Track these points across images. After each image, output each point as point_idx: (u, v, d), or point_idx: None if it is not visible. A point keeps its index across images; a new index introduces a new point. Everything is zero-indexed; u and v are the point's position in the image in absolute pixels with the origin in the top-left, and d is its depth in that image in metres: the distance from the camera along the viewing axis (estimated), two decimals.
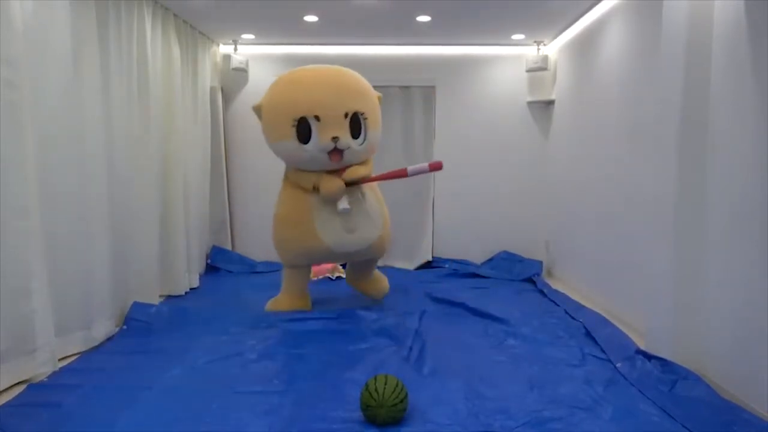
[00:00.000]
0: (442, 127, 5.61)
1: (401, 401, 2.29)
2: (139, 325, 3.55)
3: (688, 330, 2.80)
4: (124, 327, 3.52)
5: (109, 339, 3.33)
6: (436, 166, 3.60)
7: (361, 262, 3.98)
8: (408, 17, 4.45)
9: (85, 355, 3.08)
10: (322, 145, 3.44)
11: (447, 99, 5.57)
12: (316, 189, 3.59)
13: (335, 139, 3.42)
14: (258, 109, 3.63)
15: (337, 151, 3.47)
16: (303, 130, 3.45)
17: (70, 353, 3.05)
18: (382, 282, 4.20)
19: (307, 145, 3.46)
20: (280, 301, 3.92)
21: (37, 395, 2.55)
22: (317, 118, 3.41)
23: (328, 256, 3.73)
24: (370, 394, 2.28)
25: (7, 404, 2.47)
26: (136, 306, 3.68)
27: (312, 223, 3.58)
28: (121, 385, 2.67)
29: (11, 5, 2.53)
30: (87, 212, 3.17)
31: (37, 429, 2.25)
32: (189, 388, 2.66)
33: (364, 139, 3.55)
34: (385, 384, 2.30)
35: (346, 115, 3.45)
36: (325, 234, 3.57)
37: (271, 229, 3.88)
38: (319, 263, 4.03)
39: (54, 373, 2.78)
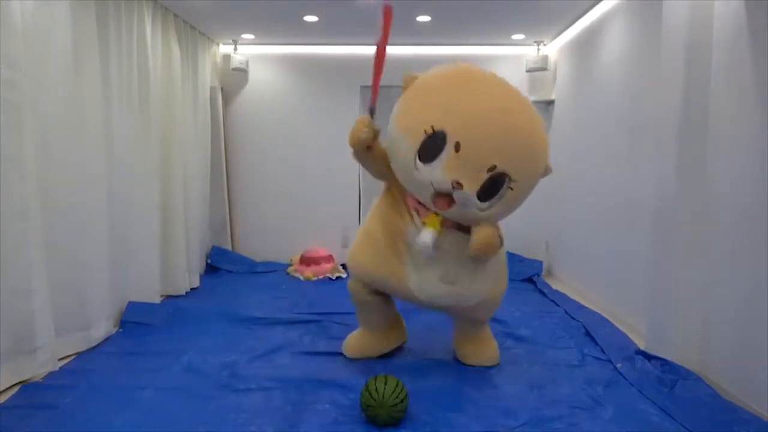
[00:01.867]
0: None
1: (401, 401, 2.29)
2: (137, 326, 3.54)
3: (688, 330, 2.80)
4: (120, 330, 3.50)
5: (107, 339, 3.32)
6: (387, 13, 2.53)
7: (462, 320, 3.00)
8: (408, 17, 4.45)
9: (82, 356, 3.07)
10: (438, 179, 2.43)
11: None
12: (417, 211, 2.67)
13: (457, 185, 2.41)
14: (410, 79, 2.65)
15: (447, 198, 2.46)
16: (432, 145, 2.43)
17: (70, 353, 3.05)
18: (488, 349, 3.01)
19: (425, 165, 2.45)
20: (361, 340, 3.06)
21: (34, 396, 2.54)
22: (457, 145, 2.39)
23: (408, 299, 2.80)
24: (370, 394, 2.28)
25: (3, 405, 2.46)
26: (132, 306, 3.68)
27: (401, 255, 2.69)
28: (119, 385, 2.67)
29: (11, 5, 2.53)
30: (87, 212, 3.16)
31: (34, 430, 2.24)
32: (187, 388, 2.65)
33: (492, 206, 2.50)
34: (386, 384, 2.30)
35: (490, 169, 2.42)
36: (412, 274, 2.67)
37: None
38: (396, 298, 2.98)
39: (51, 374, 2.78)
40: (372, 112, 2.62)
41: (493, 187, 2.44)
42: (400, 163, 2.58)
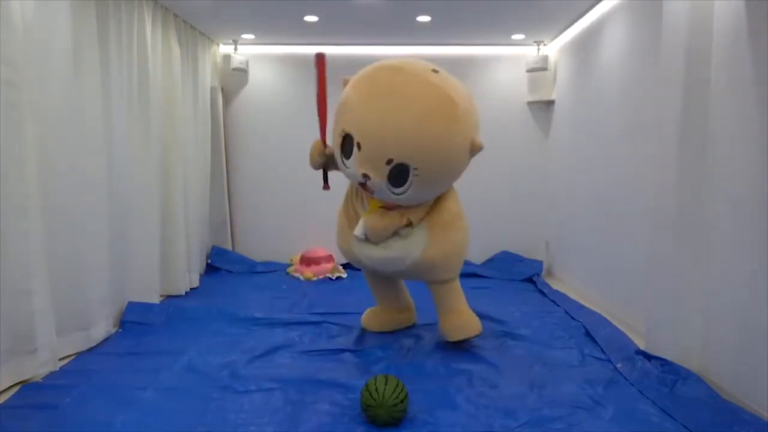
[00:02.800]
0: None
1: (401, 401, 2.29)
2: (136, 326, 3.54)
3: (688, 330, 2.80)
4: (120, 330, 3.50)
5: (107, 339, 3.32)
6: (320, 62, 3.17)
7: (432, 288, 3.29)
8: (408, 17, 4.45)
9: (82, 356, 3.07)
10: (353, 172, 2.86)
11: None
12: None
13: (365, 176, 2.79)
14: (344, 84, 3.04)
15: (365, 186, 2.88)
16: (346, 145, 2.86)
17: (70, 353, 3.05)
18: (467, 321, 3.25)
19: (348, 161, 2.87)
20: (374, 314, 3.57)
21: (34, 396, 2.54)
22: (359, 145, 2.78)
23: (364, 265, 3.26)
24: (370, 394, 2.28)
25: (3, 405, 2.46)
26: (132, 306, 3.68)
27: (352, 226, 3.14)
28: (119, 385, 2.67)
29: (11, 5, 2.53)
30: (87, 212, 3.16)
31: (34, 430, 2.25)
32: (187, 388, 2.66)
33: (406, 190, 2.82)
34: (386, 384, 2.30)
35: (388, 162, 2.74)
36: (355, 242, 3.12)
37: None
38: (366, 269, 3.39)
39: (51, 374, 2.78)
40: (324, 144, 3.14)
41: (400, 175, 2.76)
42: (337, 161, 3.00)
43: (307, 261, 5.24)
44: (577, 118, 4.73)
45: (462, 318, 3.25)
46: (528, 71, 5.38)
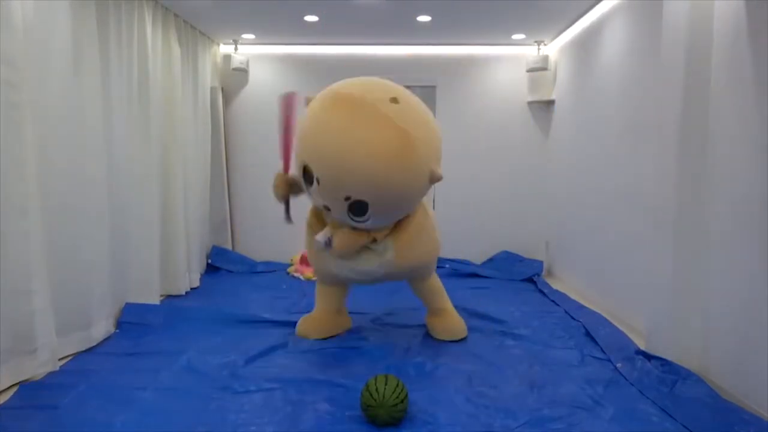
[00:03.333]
0: (443, 126, 5.53)
1: (401, 401, 2.29)
2: (136, 326, 3.53)
3: (688, 330, 2.80)
4: (117, 330, 3.48)
5: (107, 339, 3.32)
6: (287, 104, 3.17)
7: (413, 287, 3.47)
8: (408, 17, 4.45)
9: (82, 356, 3.08)
10: (315, 201, 2.98)
11: (447, 99, 5.57)
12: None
13: (326, 208, 2.91)
14: (307, 102, 3.02)
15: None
16: (307, 176, 2.86)
17: (70, 353, 3.05)
18: (444, 321, 3.44)
19: (311, 188, 2.89)
20: (313, 319, 3.49)
21: (33, 396, 2.54)
22: (317, 180, 2.79)
23: (338, 279, 3.30)
24: (371, 394, 2.28)
25: (3, 405, 2.46)
26: (129, 307, 3.67)
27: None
28: (119, 385, 2.66)
29: (11, 5, 2.53)
30: (87, 212, 3.16)
31: (34, 430, 2.24)
32: (187, 388, 2.66)
33: (367, 219, 2.84)
34: (386, 384, 2.30)
35: (346, 198, 2.75)
36: (331, 259, 3.14)
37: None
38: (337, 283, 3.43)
39: (51, 374, 2.78)
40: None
41: (360, 208, 2.77)
42: (302, 185, 3.01)
43: (307, 261, 5.23)
44: (577, 118, 4.73)
45: (449, 320, 3.45)
46: (528, 71, 5.38)
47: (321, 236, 3.00)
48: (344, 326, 3.54)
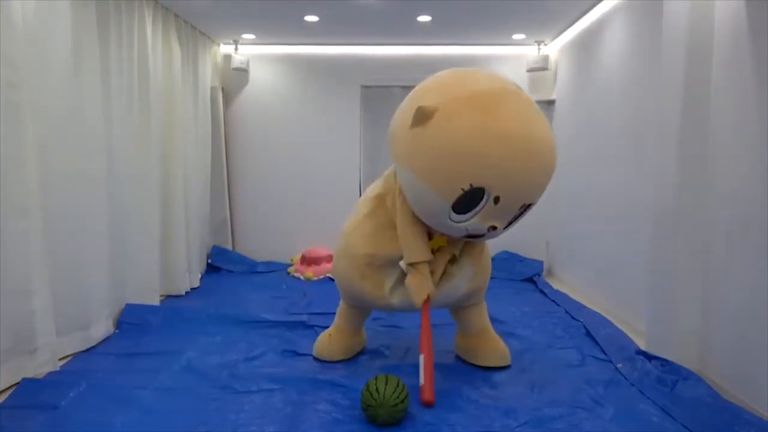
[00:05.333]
0: None
1: (402, 401, 2.29)
2: (136, 326, 3.53)
3: (688, 330, 2.80)
4: (117, 331, 3.48)
5: (107, 339, 3.32)
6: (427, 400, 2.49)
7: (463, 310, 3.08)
8: (408, 17, 4.45)
9: (82, 356, 3.07)
10: (474, 227, 2.47)
11: None
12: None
13: (493, 228, 2.50)
14: (426, 116, 2.39)
15: (478, 236, 2.57)
16: (468, 200, 2.37)
17: (70, 353, 3.05)
18: (492, 345, 3.02)
19: (459, 215, 2.43)
20: (334, 340, 3.10)
21: (33, 396, 2.53)
22: (496, 200, 2.38)
23: (388, 308, 2.92)
24: (371, 394, 2.28)
25: (3, 405, 2.45)
26: (129, 307, 3.67)
27: (386, 275, 2.78)
28: (119, 385, 2.66)
29: (11, 5, 2.53)
30: (87, 212, 3.16)
31: (34, 430, 2.24)
32: (187, 388, 2.66)
33: (509, 227, 2.63)
34: (386, 384, 2.30)
35: (522, 207, 2.52)
36: (396, 289, 2.79)
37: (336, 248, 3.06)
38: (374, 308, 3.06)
39: (51, 374, 2.78)
40: None
41: (518, 215, 2.58)
42: (425, 209, 2.56)
43: (307, 261, 5.24)
44: (578, 118, 4.73)
45: (492, 343, 3.02)
46: (528, 71, 5.37)
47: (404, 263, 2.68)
48: (363, 344, 3.24)
